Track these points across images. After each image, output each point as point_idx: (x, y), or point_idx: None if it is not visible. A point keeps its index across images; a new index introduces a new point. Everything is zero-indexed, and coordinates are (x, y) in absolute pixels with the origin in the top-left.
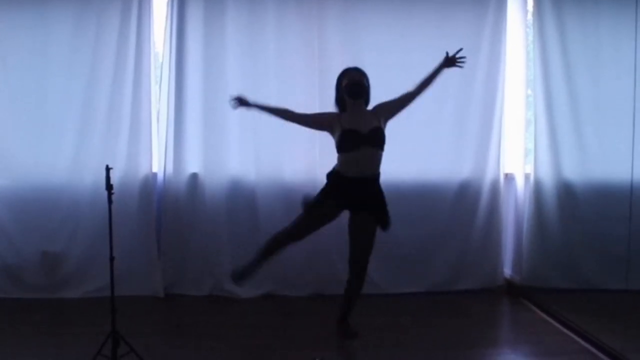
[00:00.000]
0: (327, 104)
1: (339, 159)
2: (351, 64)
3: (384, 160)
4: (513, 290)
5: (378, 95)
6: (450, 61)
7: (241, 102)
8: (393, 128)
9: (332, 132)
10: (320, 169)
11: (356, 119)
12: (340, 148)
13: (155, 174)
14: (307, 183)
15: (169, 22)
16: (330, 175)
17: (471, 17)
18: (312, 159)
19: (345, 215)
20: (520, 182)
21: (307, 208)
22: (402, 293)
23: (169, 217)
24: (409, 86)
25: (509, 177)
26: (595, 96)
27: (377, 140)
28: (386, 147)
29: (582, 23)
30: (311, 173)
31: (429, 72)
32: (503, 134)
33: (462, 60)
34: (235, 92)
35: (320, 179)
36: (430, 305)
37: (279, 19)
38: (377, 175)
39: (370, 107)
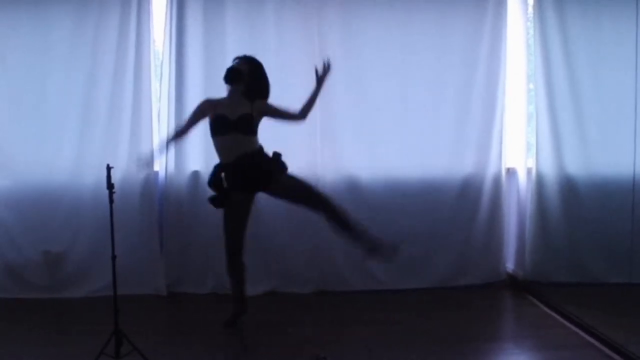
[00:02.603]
0: (326, 100)
1: (214, 145)
2: (351, 60)
3: (388, 155)
4: (516, 285)
5: (378, 90)
6: (320, 78)
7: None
8: (394, 124)
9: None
10: (322, 162)
11: (227, 105)
12: (211, 132)
13: (156, 173)
14: (308, 177)
15: (168, 19)
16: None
17: (471, 11)
18: (313, 153)
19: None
20: (522, 177)
21: (216, 206)
22: (404, 289)
23: (171, 215)
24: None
25: (511, 172)
26: (597, 90)
27: (243, 127)
28: (388, 142)
29: (583, 16)
30: (312, 167)
31: (309, 95)
32: (505, 128)
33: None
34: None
35: (322, 173)
36: (433, 300)
37: (278, 16)
38: (249, 152)
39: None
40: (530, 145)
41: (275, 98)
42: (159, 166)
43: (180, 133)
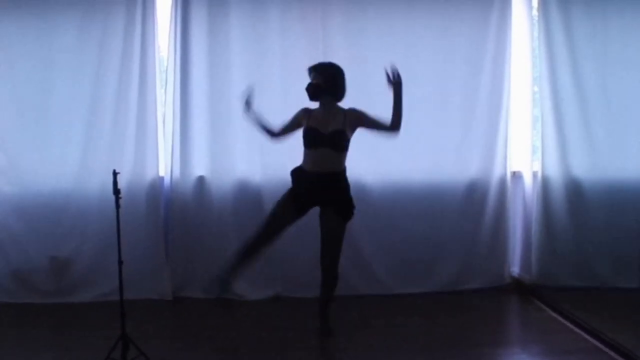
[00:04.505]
0: None
1: (303, 153)
2: (355, 64)
3: (393, 159)
4: (522, 289)
5: (382, 94)
6: (395, 85)
7: (247, 104)
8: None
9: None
10: None
11: (321, 117)
12: (303, 144)
13: (162, 178)
14: None
15: (173, 26)
16: (294, 172)
17: (476, 14)
18: None
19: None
20: (528, 180)
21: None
22: (410, 293)
23: (177, 220)
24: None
25: (517, 175)
26: (603, 92)
27: (335, 143)
28: (393, 146)
29: (589, 18)
30: None
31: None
32: (510, 131)
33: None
34: (240, 95)
35: None
36: (439, 304)
37: (283, 21)
38: (337, 172)
39: (346, 105)
40: (536, 149)
41: (280, 102)
42: (164, 171)
43: (270, 132)
